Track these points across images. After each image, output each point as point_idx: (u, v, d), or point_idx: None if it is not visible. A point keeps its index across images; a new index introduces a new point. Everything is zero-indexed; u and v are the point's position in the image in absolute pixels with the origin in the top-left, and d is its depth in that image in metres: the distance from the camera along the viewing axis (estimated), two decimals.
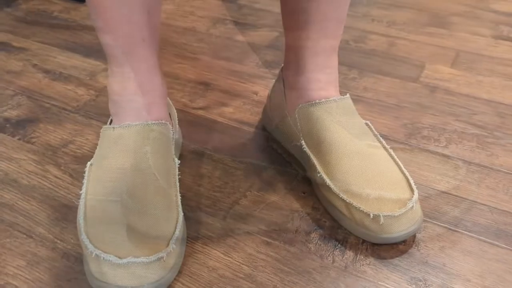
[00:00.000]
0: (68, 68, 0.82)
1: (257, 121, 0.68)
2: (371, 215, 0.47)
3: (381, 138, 0.56)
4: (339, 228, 0.51)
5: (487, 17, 1.02)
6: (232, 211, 0.53)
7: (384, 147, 0.55)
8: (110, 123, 0.55)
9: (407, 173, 0.52)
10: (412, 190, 0.50)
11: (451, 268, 0.47)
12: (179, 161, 0.52)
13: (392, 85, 0.77)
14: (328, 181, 0.51)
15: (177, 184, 0.50)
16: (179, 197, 0.49)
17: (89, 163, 0.51)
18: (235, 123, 0.68)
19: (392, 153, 0.54)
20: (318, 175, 0.52)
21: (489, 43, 0.92)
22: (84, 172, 0.50)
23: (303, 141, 0.55)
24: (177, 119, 0.61)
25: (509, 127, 0.68)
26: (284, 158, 0.61)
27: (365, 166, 0.51)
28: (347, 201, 0.49)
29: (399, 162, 0.53)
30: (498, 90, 0.77)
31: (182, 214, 0.47)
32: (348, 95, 0.56)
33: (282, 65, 0.61)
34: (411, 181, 0.51)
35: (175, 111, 0.62)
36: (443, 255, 0.48)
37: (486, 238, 0.50)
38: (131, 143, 0.48)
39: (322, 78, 0.54)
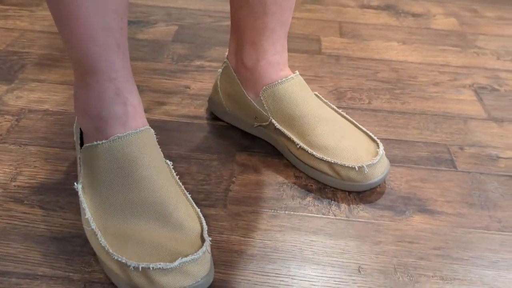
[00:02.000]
0: None
1: (204, 113, 0.70)
2: (356, 168, 0.55)
3: (331, 104, 0.64)
4: (325, 188, 0.58)
5: None
6: (229, 198, 0.56)
7: (337, 111, 0.63)
8: (81, 140, 0.52)
9: (364, 128, 0.61)
10: (374, 140, 0.59)
11: (421, 195, 0.58)
12: (171, 162, 0.52)
13: (303, 60, 0.86)
14: (309, 150, 0.57)
15: (179, 183, 0.50)
16: (188, 194, 0.49)
17: (79, 186, 0.48)
18: (185, 119, 0.69)
19: (345, 115, 0.63)
20: (298, 146, 0.58)
21: (358, 12, 1.07)
22: (79, 197, 0.47)
23: (273, 120, 0.59)
24: None
25: (404, 78, 0.83)
26: (246, 141, 0.65)
27: (334, 129, 0.58)
28: (332, 161, 0.56)
29: (354, 121, 0.62)
30: (383, 51, 0.91)
31: (198, 208, 0.48)
32: (297, 72, 0.62)
33: (226, 53, 0.64)
34: (370, 134, 0.60)
35: None
36: (410, 187, 0.59)
37: (432, 166, 0.62)
38: (128, 154, 0.47)
39: (280, 61, 0.59)
